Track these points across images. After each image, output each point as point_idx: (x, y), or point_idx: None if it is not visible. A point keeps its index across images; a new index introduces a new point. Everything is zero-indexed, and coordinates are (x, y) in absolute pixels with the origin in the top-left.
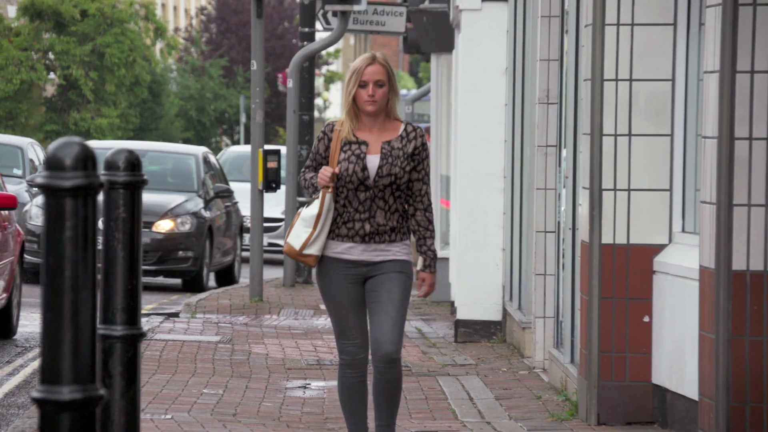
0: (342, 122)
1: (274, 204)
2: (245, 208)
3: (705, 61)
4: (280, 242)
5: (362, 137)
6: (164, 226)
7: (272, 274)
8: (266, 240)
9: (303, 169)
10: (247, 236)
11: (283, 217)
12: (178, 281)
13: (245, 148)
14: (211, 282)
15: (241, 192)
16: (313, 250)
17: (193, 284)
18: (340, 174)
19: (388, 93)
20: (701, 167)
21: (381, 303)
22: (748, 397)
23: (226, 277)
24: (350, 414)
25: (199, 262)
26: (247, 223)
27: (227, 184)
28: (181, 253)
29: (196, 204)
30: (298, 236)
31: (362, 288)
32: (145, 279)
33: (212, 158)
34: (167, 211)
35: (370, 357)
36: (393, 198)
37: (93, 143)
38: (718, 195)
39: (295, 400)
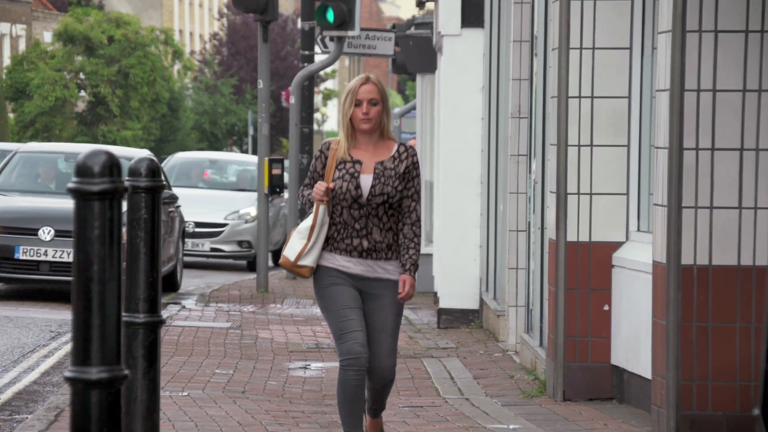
0: (338, 141)
1: (217, 209)
2: (191, 214)
3: (657, 80)
4: (224, 247)
5: (357, 156)
6: None
7: (217, 279)
8: (208, 245)
9: (302, 187)
10: (190, 241)
11: (225, 222)
12: None
13: (194, 155)
14: None
15: (190, 198)
16: (308, 261)
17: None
18: (335, 191)
19: (382, 112)
20: (654, 174)
21: (376, 331)
22: (695, 375)
23: (167, 284)
24: (347, 416)
25: None
26: (190, 228)
27: (171, 189)
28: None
29: None
30: (293, 248)
31: (359, 295)
32: None
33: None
34: None
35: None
36: (386, 216)
37: (30, 146)
38: (669, 198)
39: (297, 379)
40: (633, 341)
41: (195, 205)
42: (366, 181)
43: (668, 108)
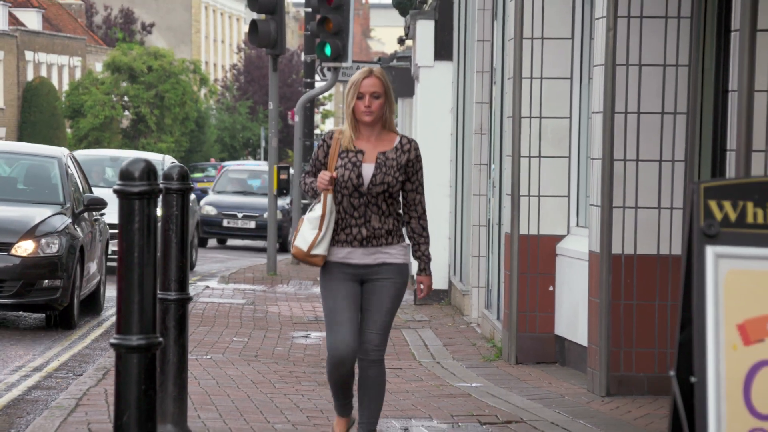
0: (342, 131)
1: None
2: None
3: (592, 104)
4: None
5: (360, 147)
6: (25, 248)
7: (233, 264)
8: (112, 249)
9: (303, 175)
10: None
11: None
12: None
13: (95, 152)
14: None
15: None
16: (320, 250)
17: (61, 320)
18: (337, 179)
19: (384, 104)
20: (590, 180)
21: (372, 311)
22: (622, 343)
23: (89, 304)
24: (337, 396)
25: (68, 292)
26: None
27: (92, 191)
28: (47, 282)
29: (64, 220)
30: (304, 238)
31: (360, 287)
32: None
33: (72, 160)
34: (29, 229)
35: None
36: (386, 204)
37: None
38: (602, 200)
39: (299, 345)
40: (572, 316)
41: None
42: (368, 170)
43: (602, 127)
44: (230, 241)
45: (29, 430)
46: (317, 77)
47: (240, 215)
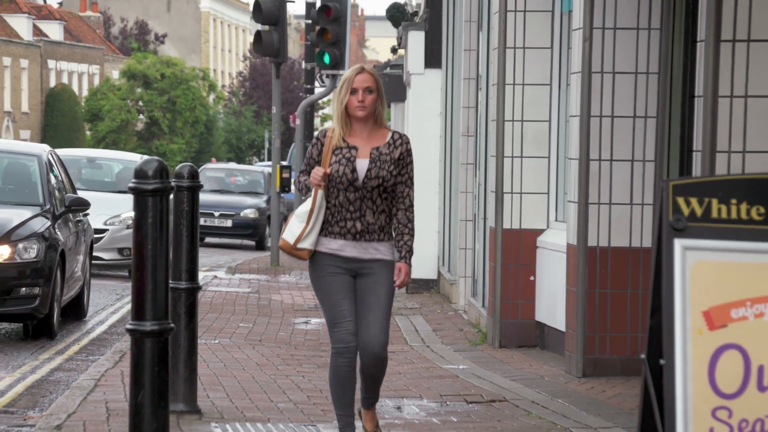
0: (333, 130)
1: (96, 212)
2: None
3: (570, 109)
4: (103, 255)
5: (353, 143)
6: (0, 253)
7: (239, 256)
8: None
9: (298, 173)
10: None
11: (106, 228)
12: None
13: (71, 152)
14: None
15: None
16: (306, 244)
17: (38, 330)
18: (332, 175)
19: (376, 100)
20: (568, 178)
21: (369, 307)
22: (597, 329)
23: (73, 309)
24: (339, 401)
25: (48, 300)
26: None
27: (75, 191)
28: (24, 290)
29: (43, 222)
30: (292, 231)
31: (353, 280)
32: None
33: (53, 158)
34: (5, 233)
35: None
36: (380, 199)
37: None
38: (579, 196)
39: (300, 331)
40: (551, 303)
41: None
42: (362, 165)
43: (578, 129)
44: (208, 239)
45: (52, 408)
46: (317, 83)
47: (217, 214)
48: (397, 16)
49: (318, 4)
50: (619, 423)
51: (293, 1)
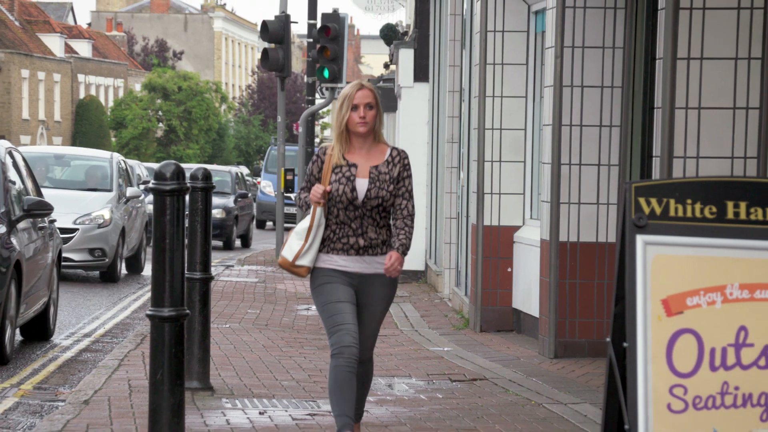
0: (333, 147)
1: (66, 211)
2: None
3: (543, 118)
4: (73, 256)
5: (352, 160)
6: None
7: (246, 251)
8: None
9: (299, 190)
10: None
11: (75, 227)
12: None
13: (37, 149)
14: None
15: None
16: (305, 261)
17: None
18: (332, 193)
19: (376, 115)
20: (541, 180)
21: (365, 319)
22: (567, 314)
23: (35, 329)
24: (338, 404)
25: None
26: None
27: (41, 195)
28: None
29: None
30: (290, 248)
31: (354, 291)
32: None
33: (19, 156)
34: None
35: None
36: (380, 216)
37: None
38: (551, 197)
39: (302, 317)
40: (527, 292)
41: None
42: (362, 184)
43: (551, 137)
44: None
45: (81, 385)
46: (317, 95)
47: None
48: (389, 35)
49: (319, 25)
50: (586, 399)
51: (296, 22)
